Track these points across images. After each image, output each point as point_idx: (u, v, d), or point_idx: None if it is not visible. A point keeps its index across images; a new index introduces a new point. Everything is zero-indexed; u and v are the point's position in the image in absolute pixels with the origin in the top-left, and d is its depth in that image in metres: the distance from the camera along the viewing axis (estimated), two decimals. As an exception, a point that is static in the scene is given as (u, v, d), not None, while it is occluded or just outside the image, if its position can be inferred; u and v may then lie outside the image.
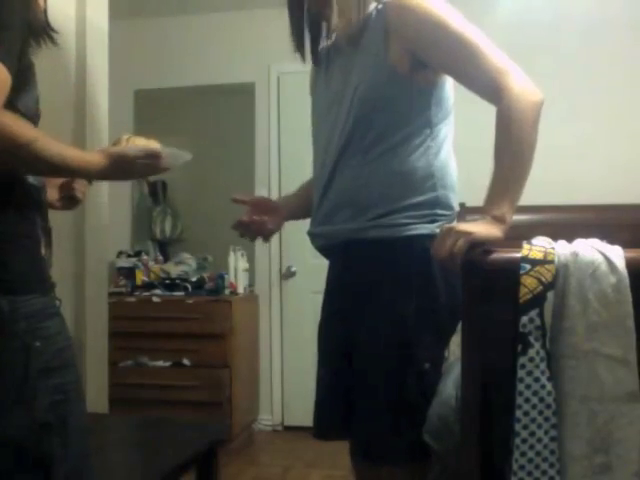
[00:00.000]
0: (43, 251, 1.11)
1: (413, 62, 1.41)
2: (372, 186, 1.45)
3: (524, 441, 1.19)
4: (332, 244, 1.53)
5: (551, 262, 1.21)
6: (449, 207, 1.49)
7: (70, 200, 1.38)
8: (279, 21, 1.87)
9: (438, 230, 1.41)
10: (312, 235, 1.58)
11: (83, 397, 1.15)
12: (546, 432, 1.19)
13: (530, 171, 1.33)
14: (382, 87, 1.43)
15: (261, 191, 4.08)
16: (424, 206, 1.45)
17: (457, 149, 1.57)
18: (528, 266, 1.21)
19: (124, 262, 3.93)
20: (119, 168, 1.16)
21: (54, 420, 1.05)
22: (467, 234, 1.23)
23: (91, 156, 1.15)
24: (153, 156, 1.20)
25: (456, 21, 1.38)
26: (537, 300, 1.19)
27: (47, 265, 1.12)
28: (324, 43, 1.62)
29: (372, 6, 1.48)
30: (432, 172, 1.46)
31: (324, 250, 1.58)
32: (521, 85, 1.34)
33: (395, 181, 1.44)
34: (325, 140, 1.53)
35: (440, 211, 1.47)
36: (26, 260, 1.07)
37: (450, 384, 1.83)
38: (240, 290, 3.82)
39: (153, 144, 1.27)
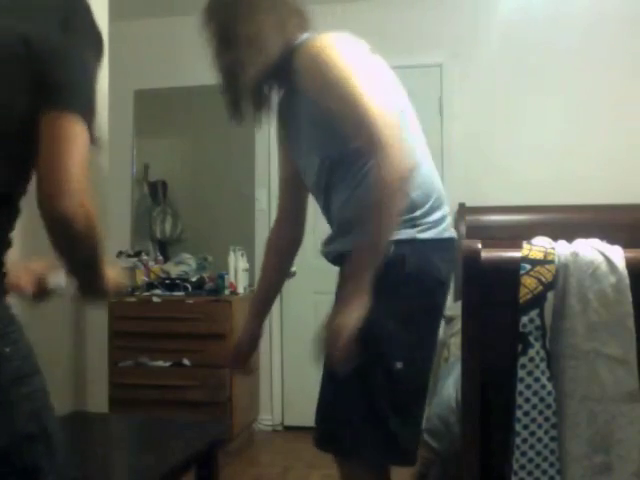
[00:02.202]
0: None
1: None
2: (358, 207, 1.49)
3: (524, 441, 1.19)
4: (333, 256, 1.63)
5: (551, 262, 1.21)
6: (426, 200, 1.50)
7: (45, 293, 1.29)
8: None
9: (418, 235, 1.45)
10: (324, 254, 1.67)
11: (52, 405, 1.07)
12: (546, 432, 1.19)
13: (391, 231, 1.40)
14: (324, 122, 1.49)
15: (261, 191, 4.08)
16: (403, 212, 1.46)
17: (456, 150, 1.58)
18: (528, 266, 1.21)
19: (124, 262, 3.92)
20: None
21: (36, 429, 1.00)
22: (343, 331, 1.31)
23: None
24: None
25: (351, 73, 1.42)
26: (537, 300, 1.19)
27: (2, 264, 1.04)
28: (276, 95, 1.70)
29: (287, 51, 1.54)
30: None
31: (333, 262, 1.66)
32: (395, 149, 1.36)
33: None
34: (310, 178, 1.63)
35: (419, 212, 1.48)
36: None
37: (450, 384, 1.84)
38: (240, 290, 3.81)
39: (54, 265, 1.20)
